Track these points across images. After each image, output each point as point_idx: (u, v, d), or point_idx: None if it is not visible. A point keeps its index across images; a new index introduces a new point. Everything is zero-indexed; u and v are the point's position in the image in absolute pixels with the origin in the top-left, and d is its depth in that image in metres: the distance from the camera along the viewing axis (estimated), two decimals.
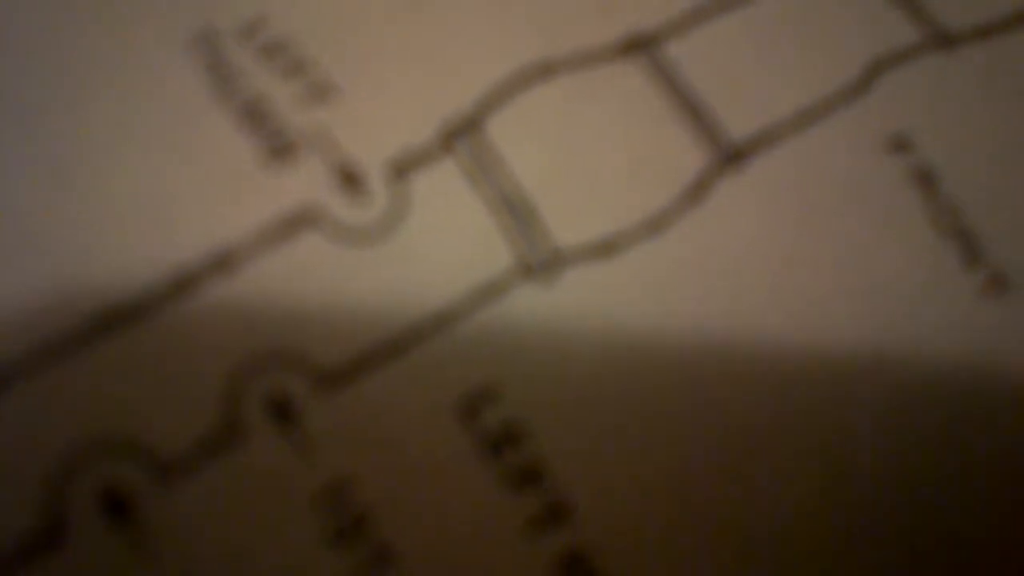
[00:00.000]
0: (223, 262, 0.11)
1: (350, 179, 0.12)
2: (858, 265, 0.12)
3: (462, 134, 0.12)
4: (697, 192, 0.12)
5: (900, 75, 0.13)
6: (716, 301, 0.12)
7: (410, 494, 0.11)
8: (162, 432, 0.11)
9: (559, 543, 0.11)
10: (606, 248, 0.12)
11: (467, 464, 0.11)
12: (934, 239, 0.12)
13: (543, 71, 0.12)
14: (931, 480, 0.12)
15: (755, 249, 0.12)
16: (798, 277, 0.12)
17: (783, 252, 0.12)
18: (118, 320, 0.11)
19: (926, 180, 0.12)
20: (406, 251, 0.12)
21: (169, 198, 0.11)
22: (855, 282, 0.12)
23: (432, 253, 0.12)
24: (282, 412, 0.11)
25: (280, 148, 0.12)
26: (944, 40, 0.12)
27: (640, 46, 0.12)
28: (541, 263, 0.12)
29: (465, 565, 0.11)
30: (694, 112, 0.12)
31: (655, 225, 0.12)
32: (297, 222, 0.12)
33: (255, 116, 0.12)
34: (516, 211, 0.12)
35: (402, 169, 0.12)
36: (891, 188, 0.12)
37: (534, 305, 0.12)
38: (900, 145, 0.12)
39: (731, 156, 0.12)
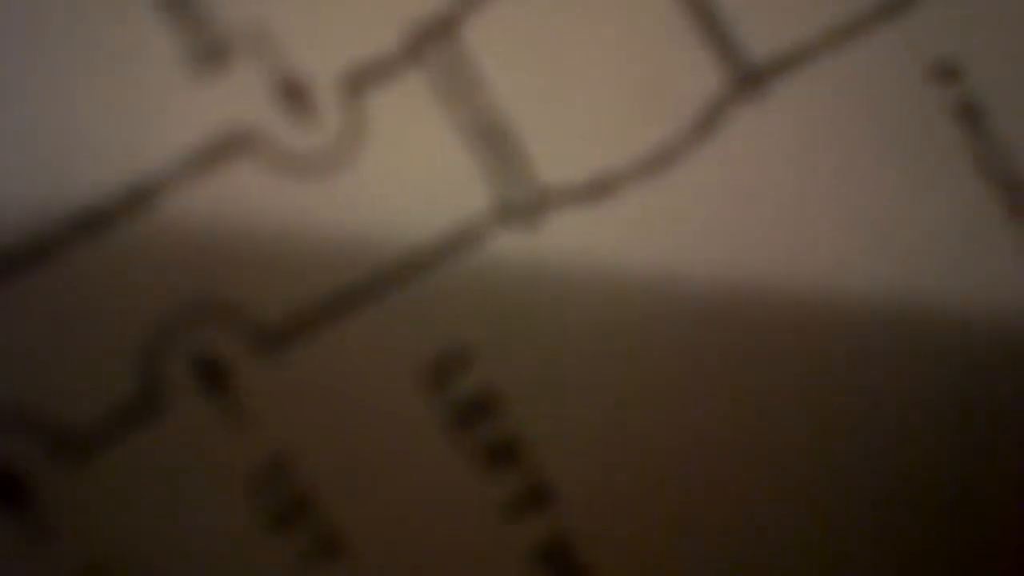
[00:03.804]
0: (138, 195, 0.09)
1: (294, 93, 0.09)
2: (888, 211, 0.10)
3: (433, 40, 0.10)
4: (708, 122, 0.10)
5: None
6: (726, 252, 0.10)
7: (363, 474, 0.09)
8: (63, 401, 0.09)
9: (538, 530, 0.10)
10: (599, 188, 0.10)
11: (432, 439, 0.10)
12: (977, 185, 0.10)
13: None
14: (956, 451, 0.10)
15: (771, 192, 0.10)
16: (819, 223, 0.10)
17: (803, 195, 0.10)
18: (8, 268, 0.09)
19: (972, 116, 0.10)
20: (361, 185, 0.09)
21: (67, 113, 0.09)
22: (883, 230, 0.10)
23: (393, 189, 0.09)
24: (211, 376, 0.09)
25: (207, 49, 0.09)
26: None
27: None
28: (523, 205, 0.10)
29: (427, 555, 0.10)
30: (708, 22, 0.10)
31: (658, 161, 0.10)
32: (229, 146, 0.09)
33: (174, 2, 0.09)
34: (495, 140, 0.10)
35: (358, 83, 0.10)
36: (931, 123, 0.10)
37: (514, 254, 0.10)
38: (945, 72, 0.10)
39: (749, 79, 0.10)
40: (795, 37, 0.10)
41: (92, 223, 0.09)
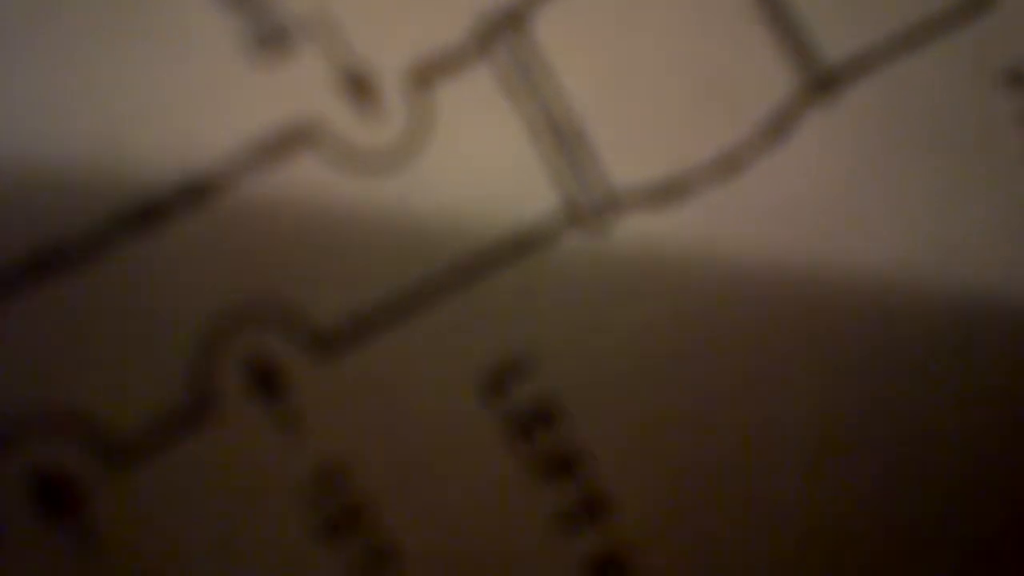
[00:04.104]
0: (195, 188, 0.09)
1: (359, 84, 0.09)
2: (953, 214, 0.10)
3: (503, 33, 0.09)
4: (780, 126, 0.10)
5: None
6: (796, 256, 0.10)
7: (418, 482, 0.09)
8: (113, 405, 0.08)
9: (593, 542, 0.09)
10: (669, 191, 0.10)
11: (490, 448, 0.09)
12: None
13: None
14: (1014, 447, 0.10)
15: (840, 195, 0.10)
16: (886, 227, 0.10)
17: (871, 199, 0.10)
18: (59, 263, 0.08)
19: None
20: (426, 182, 0.09)
21: (125, 103, 0.09)
22: (949, 233, 0.10)
23: (458, 188, 0.09)
24: (265, 380, 0.09)
25: (269, 35, 0.09)
26: None
27: None
28: (593, 206, 0.09)
29: (481, 566, 0.09)
30: (783, 25, 0.10)
31: (728, 165, 0.10)
32: (290, 138, 0.09)
33: None
34: (564, 138, 0.09)
35: (425, 76, 0.09)
36: (999, 129, 0.10)
37: (582, 257, 0.09)
38: (1014, 79, 0.10)
39: (822, 83, 0.10)
40: (868, 41, 0.10)
41: (147, 217, 0.08)
